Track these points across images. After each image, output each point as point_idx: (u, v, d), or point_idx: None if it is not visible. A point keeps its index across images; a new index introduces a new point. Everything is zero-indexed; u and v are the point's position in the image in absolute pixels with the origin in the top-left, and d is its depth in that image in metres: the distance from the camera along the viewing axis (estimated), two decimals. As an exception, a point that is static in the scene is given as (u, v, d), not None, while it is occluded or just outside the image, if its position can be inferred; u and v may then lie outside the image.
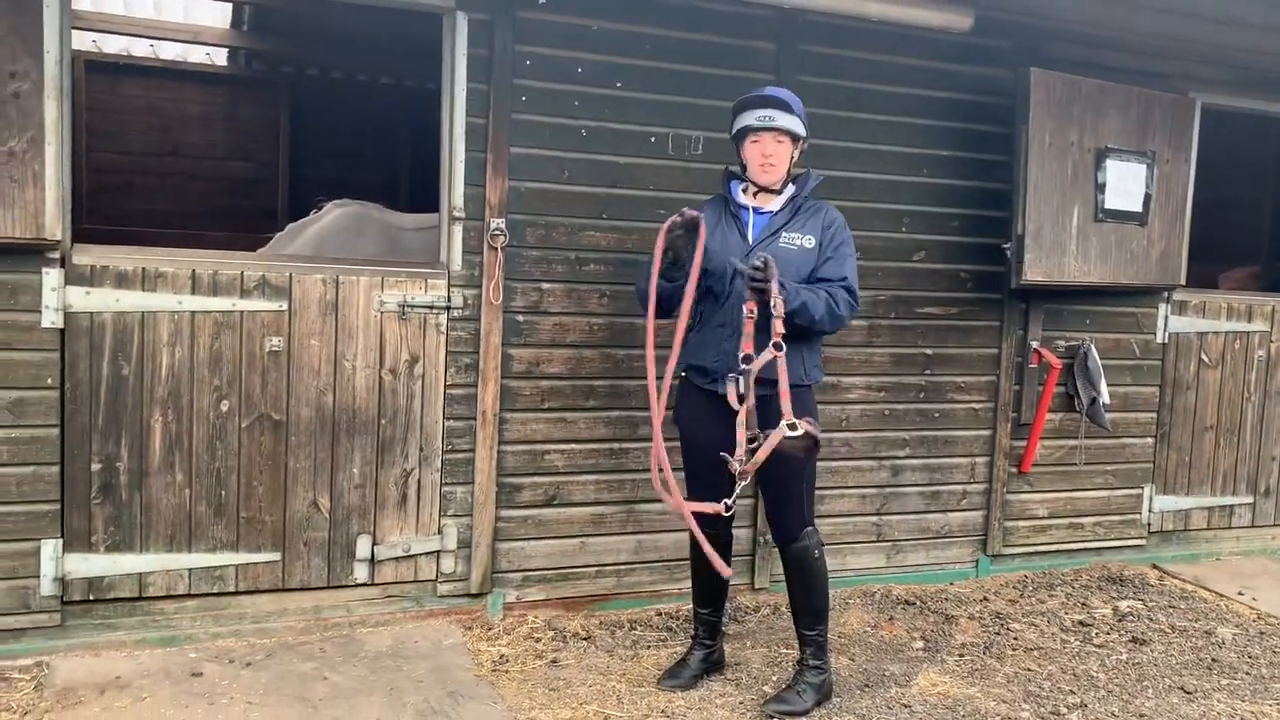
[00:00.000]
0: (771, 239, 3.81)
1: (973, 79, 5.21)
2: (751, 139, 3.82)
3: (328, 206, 5.68)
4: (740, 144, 3.88)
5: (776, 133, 3.79)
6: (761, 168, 3.82)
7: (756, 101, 3.82)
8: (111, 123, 7.74)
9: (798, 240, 3.81)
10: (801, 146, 3.90)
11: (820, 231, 3.84)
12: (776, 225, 3.83)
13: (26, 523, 3.90)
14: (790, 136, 3.82)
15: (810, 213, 3.88)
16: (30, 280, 3.83)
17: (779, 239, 3.80)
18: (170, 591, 4.12)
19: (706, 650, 4.13)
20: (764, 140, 3.80)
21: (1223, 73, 5.72)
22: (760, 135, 3.80)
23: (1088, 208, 5.17)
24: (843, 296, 3.77)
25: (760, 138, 3.80)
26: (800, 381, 3.83)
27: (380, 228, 5.51)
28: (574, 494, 4.68)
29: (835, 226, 3.87)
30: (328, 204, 5.72)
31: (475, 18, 4.31)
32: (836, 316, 3.76)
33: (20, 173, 3.69)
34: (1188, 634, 4.89)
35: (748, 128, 3.81)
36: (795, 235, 3.82)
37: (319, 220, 5.55)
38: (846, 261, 3.84)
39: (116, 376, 3.98)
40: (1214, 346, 5.93)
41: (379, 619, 4.41)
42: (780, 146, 3.81)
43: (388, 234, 5.49)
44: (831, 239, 3.84)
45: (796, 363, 3.80)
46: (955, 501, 5.43)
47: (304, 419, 4.23)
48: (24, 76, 3.67)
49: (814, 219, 3.86)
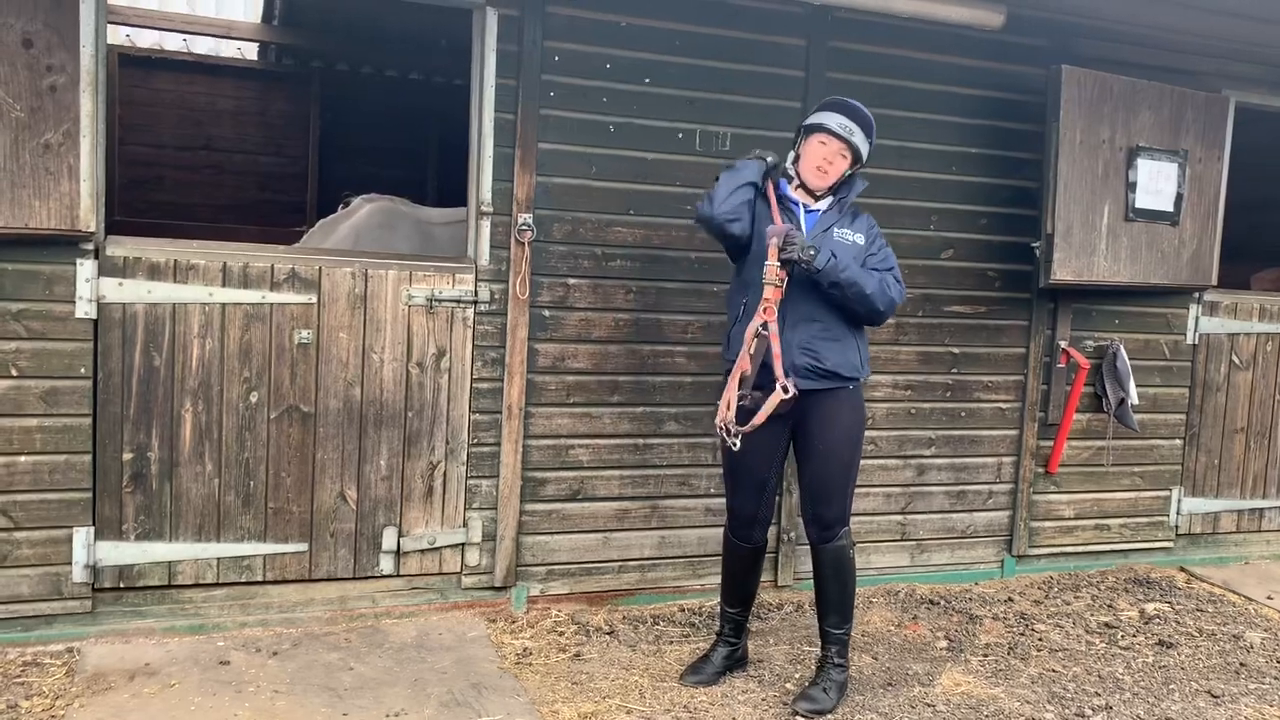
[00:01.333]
0: (825, 234, 3.81)
1: (1003, 76, 5.18)
2: (820, 139, 3.82)
3: (356, 201, 5.68)
4: (806, 138, 3.87)
5: (846, 145, 3.81)
6: (818, 169, 3.83)
7: (844, 108, 3.84)
8: (144, 116, 7.81)
9: (849, 236, 3.84)
10: (856, 169, 3.91)
11: (866, 230, 3.90)
12: (828, 223, 3.86)
13: (59, 510, 3.96)
14: (854, 155, 3.85)
15: (853, 215, 3.94)
16: (65, 271, 3.88)
17: (832, 234, 3.82)
18: (199, 580, 4.17)
19: (731, 647, 4.14)
20: (831, 146, 3.81)
21: (1258, 71, 5.66)
22: (831, 140, 3.81)
23: (1118, 207, 5.13)
24: (892, 281, 3.83)
25: (829, 141, 3.81)
26: (857, 373, 3.88)
27: (411, 223, 5.53)
28: (598, 489, 4.70)
29: (876, 230, 3.95)
30: (356, 199, 5.73)
31: (505, 13, 4.32)
32: (888, 297, 3.79)
33: (56, 165, 3.74)
34: (1215, 638, 4.85)
35: (823, 127, 3.81)
36: (847, 232, 3.85)
37: (351, 216, 5.55)
38: (890, 256, 3.93)
39: (148, 367, 4.03)
40: (1245, 348, 5.87)
41: (404, 610, 4.44)
42: (842, 160, 3.83)
43: (419, 229, 5.50)
44: (874, 239, 3.91)
45: (853, 352, 3.86)
46: (981, 501, 5.40)
47: (332, 411, 4.27)
48: (60, 70, 3.72)
49: (859, 220, 3.93)
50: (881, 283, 3.78)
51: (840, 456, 3.85)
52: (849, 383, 3.85)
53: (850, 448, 3.87)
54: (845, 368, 3.82)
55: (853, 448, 3.88)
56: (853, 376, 3.85)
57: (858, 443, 3.92)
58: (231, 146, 8.10)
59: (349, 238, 5.39)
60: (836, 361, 3.79)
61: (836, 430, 3.83)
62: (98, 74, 3.82)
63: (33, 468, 3.91)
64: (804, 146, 3.86)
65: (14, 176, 3.68)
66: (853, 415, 3.89)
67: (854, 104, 3.87)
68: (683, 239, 4.69)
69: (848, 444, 3.86)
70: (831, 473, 3.85)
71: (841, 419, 3.84)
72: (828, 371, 3.78)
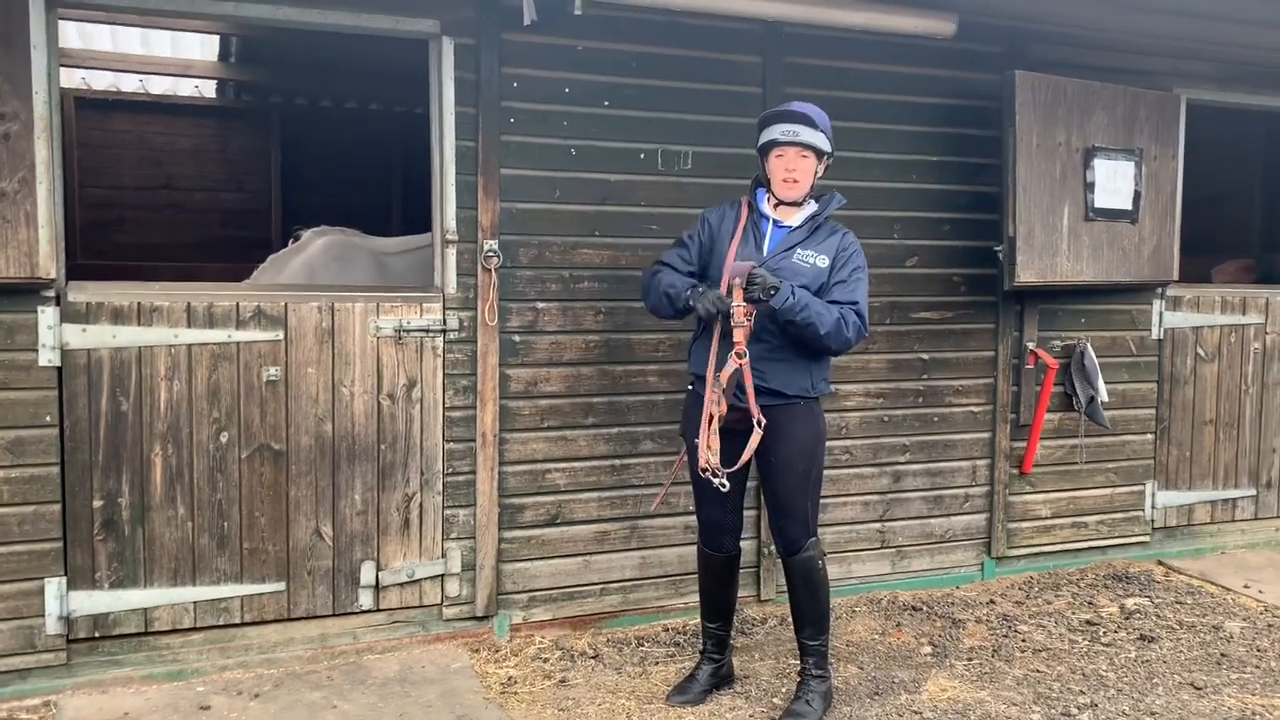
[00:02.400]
0: (786, 254, 3.81)
1: (959, 83, 5.24)
2: (776, 153, 3.83)
3: (307, 235, 5.56)
4: (765, 157, 3.88)
5: (801, 148, 3.79)
6: (785, 183, 3.83)
7: (782, 116, 3.83)
8: (103, 158, 7.77)
9: (811, 259, 3.80)
10: (826, 162, 3.90)
11: (835, 252, 3.83)
12: (793, 242, 3.84)
13: (29, 562, 3.90)
14: (815, 152, 3.82)
15: (827, 233, 3.88)
16: (26, 319, 3.84)
17: (793, 254, 3.81)
18: (176, 625, 4.11)
19: (715, 664, 4.13)
20: (788, 155, 3.81)
21: (1208, 68, 5.75)
22: (785, 150, 3.81)
23: (1078, 207, 5.19)
24: (853, 319, 3.74)
25: (784, 152, 3.81)
26: (806, 394, 3.83)
27: (365, 254, 5.44)
28: (576, 512, 4.68)
29: (850, 250, 3.86)
30: (306, 233, 5.60)
31: (461, 42, 4.33)
32: (844, 338, 3.72)
33: (12, 213, 3.71)
34: (1195, 629, 4.88)
35: (772, 141, 3.82)
36: (810, 253, 3.81)
37: (302, 251, 5.44)
38: (859, 286, 3.82)
39: (115, 412, 3.99)
40: (1209, 340, 5.94)
41: (386, 645, 4.41)
42: (804, 161, 3.82)
43: (373, 260, 5.42)
44: (845, 263, 3.82)
45: (803, 374, 3.81)
46: (958, 505, 5.43)
47: (304, 447, 4.24)
48: (13, 118, 3.68)
49: (830, 239, 3.86)
50: (839, 322, 3.69)
51: (794, 469, 3.83)
52: (796, 400, 3.81)
53: (805, 460, 3.84)
54: (790, 387, 3.78)
55: (808, 460, 3.85)
56: (799, 396, 3.80)
57: (814, 455, 3.88)
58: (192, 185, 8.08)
59: (302, 273, 5.29)
60: (782, 381, 3.77)
61: (789, 444, 3.81)
62: (51, 120, 3.79)
63: (0, 520, 3.85)
64: (767, 167, 3.88)
65: (-30, 226, 3.65)
66: (806, 429, 3.84)
67: (789, 108, 3.87)
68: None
69: (802, 457, 3.83)
70: (788, 486, 3.85)
71: (794, 433, 3.81)
72: (771, 390, 3.75)
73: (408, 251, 5.41)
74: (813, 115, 3.82)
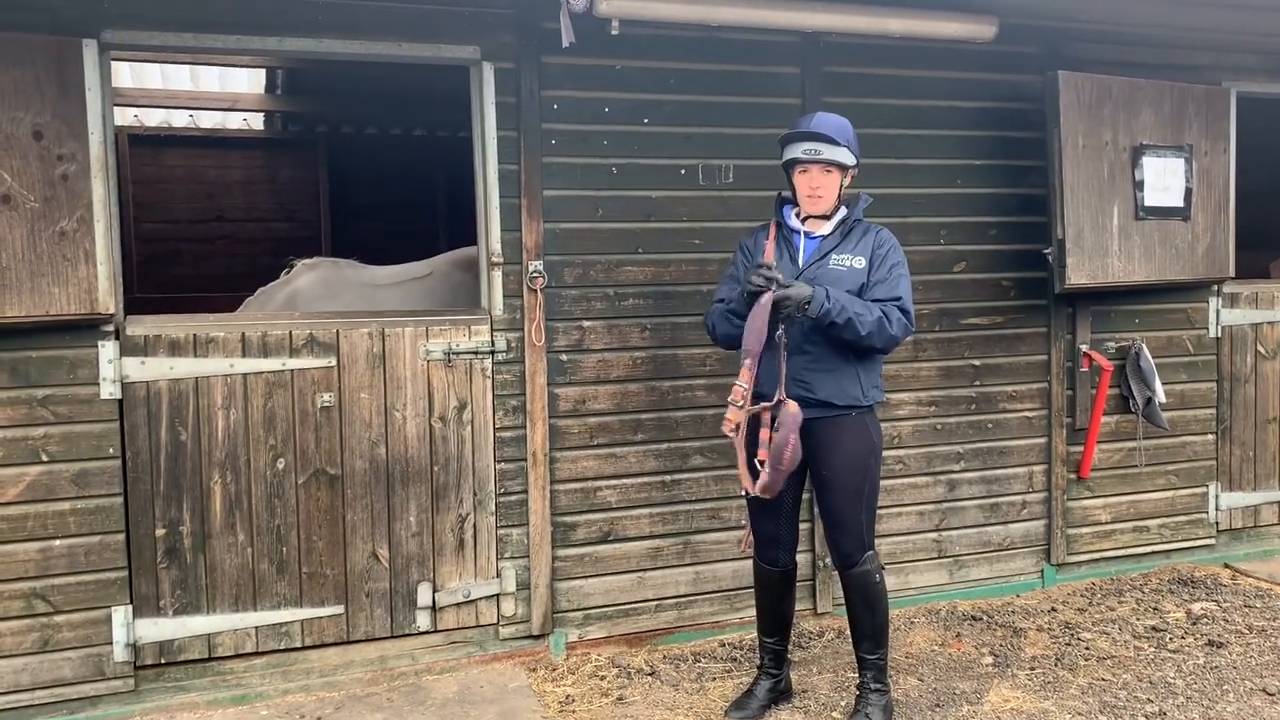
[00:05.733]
0: (821, 262, 3.81)
1: (1001, 86, 5.19)
2: (799, 170, 3.83)
3: (298, 268, 5.50)
4: (789, 173, 3.88)
5: (823, 165, 3.79)
6: (809, 199, 3.83)
7: (803, 135, 3.81)
8: (157, 193, 7.95)
9: (847, 261, 3.79)
10: (852, 174, 3.88)
11: (870, 252, 3.81)
12: (826, 249, 3.83)
13: (97, 591, 3.99)
14: (838, 167, 3.80)
15: (861, 233, 3.86)
16: (87, 354, 3.94)
17: (828, 261, 3.80)
18: (239, 650, 4.18)
19: (773, 679, 4.11)
20: (812, 172, 3.80)
21: (1256, 60, 5.65)
22: (808, 167, 3.80)
23: (1127, 206, 5.12)
24: (896, 315, 3.71)
25: (808, 169, 3.80)
26: (857, 402, 3.80)
27: (354, 288, 5.34)
28: (629, 529, 4.69)
29: (886, 247, 3.82)
30: (298, 265, 5.54)
31: (501, 67, 4.38)
32: (889, 335, 3.69)
33: (72, 251, 3.81)
34: (1266, 634, 4.76)
35: (795, 161, 3.82)
36: (845, 257, 3.80)
37: (290, 284, 5.35)
38: (900, 282, 3.79)
39: (175, 442, 4.07)
40: (1269, 337, 5.81)
41: (444, 665, 4.44)
42: (828, 177, 3.81)
43: (361, 293, 5.31)
44: (883, 260, 3.79)
45: (852, 382, 3.78)
46: (1015, 512, 5.35)
47: (358, 471, 4.29)
48: (70, 159, 3.79)
49: (864, 239, 3.84)
50: (881, 321, 3.66)
51: (846, 484, 3.80)
52: (848, 411, 3.79)
53: (857, 474, 3.81)
54: (839, 397, 3.75)
55: (860, 474, 3.81)
56: (849, 405, 3.78)
57: (866, 468, 3.83)
58: (244, 216, 8.24)
59: (286, 308, 5.16)
60: (829, 392, 3.75)
61: (839, 458, 3.79)
62: (107, 159, 3.89)
63: (68, 550, 3.95)
64: (792, 182, 3.88)
65: (33, 265, 3.75)
66: (856, 442, 3.80)
67: (809, 126, 3.81)
68: (693, 273, 4.71)
69: (853, 471, 3.80)
70: (840, 500, 3.82)
71: (843, 447, 3.79)
72: (820, 401, 3.74)
73: (402, 283, 5.34)
74: (833, 132, 3.78)
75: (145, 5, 3.96)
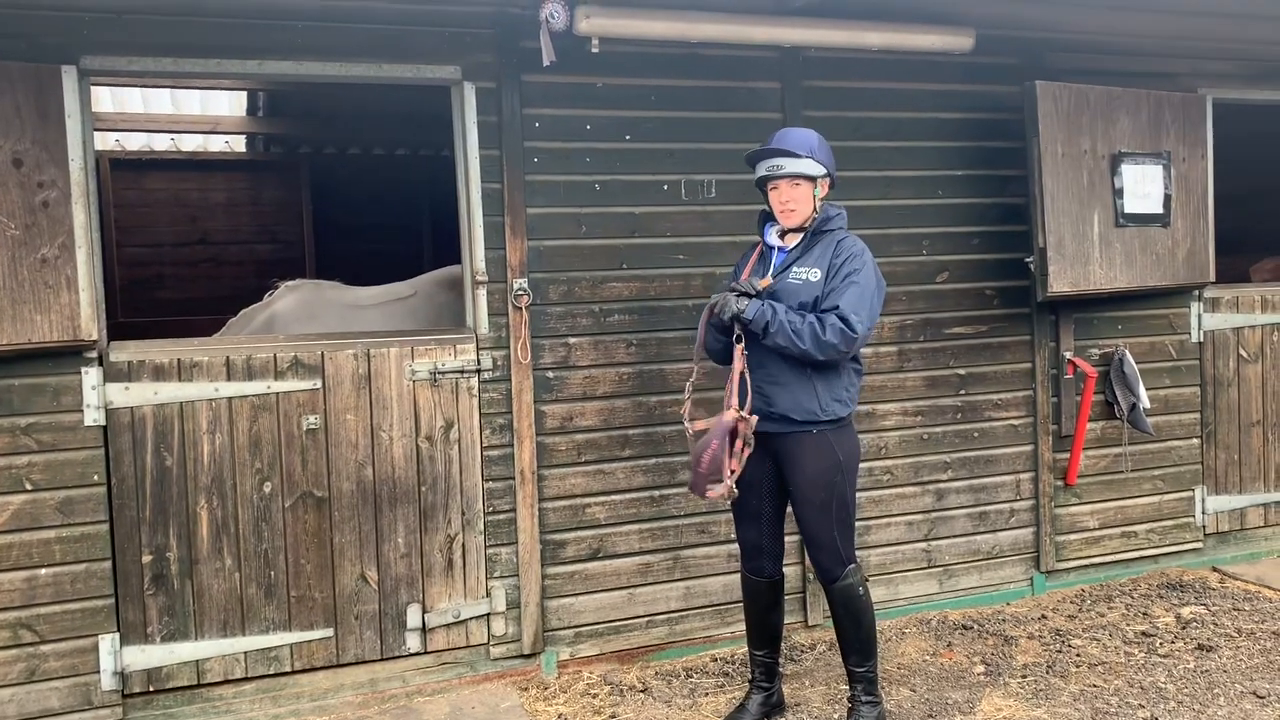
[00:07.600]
0: (783, 275, 3.84)
1: (981, 97, 5.23)
2: (770, 187, 3.88)
3: (280, 290, 5.46)
4: (763, 191, 3.94)
5: (789, 178, 3.82)
6: (783, 213, 3.87)
7: (765, 153, 3.85)
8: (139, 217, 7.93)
9: (804, 275, 3.81)
10: (824, 184, 3.89)
11: (828, 263, 3.80)
12: (789, 261, 3.87)
13: (83, 619, 3.96)
14: (805, 178, 3.82)
15: (825, 245, 3.85)
16: (71, 381, 3.92)
17: (789, 274, 3.84)
18: (228, 676, 4.15)
19: (765, 693, 4.10)
20: (780, 187, 3.84)
21: (1231, 67, 5.71)
22: (776, 183, 3.85)
23: (1107, 214, 5.15)
24: (832, 322, 3.65)
25: (776, 185, 3.85)
26: (814, 417, 3.77)
27: (336, 309, 5.28)
28: (618, 545, 4.68)
29: (844, 256, 3.79)
30: (281, 286, 5.49)
31: (482, 86, 4.39)
32: (824, 343, 3.64)
33: (54, 278, 3.79)
34: (1255, 636, 4.78)
35: (764, 180, 3.88)
36: (804, 270, 3.82)
37: (270, 307, 5.30)
38: (848, 290, 3.71)
39: (160, 468, 4.05)
40: (1251, 340, 5.85)
41: (435, 687, 4.42)
42: (797, 190, 3.83)
43: (344, 314, 5.25)
44: (838, 270, 3.76)
45: (808, 396, 3.76)
46: (1003, 520, 5.37)
47: (345, 493, 4.28)
48: (51, 185, 3.78)
49: (826, 250, 3.83)
50: (814, 329, 3.64)
51: (812, 499, 3.80)
52: (808, 427, 3.77)
53: (822, 490, 3.79)
54: (796, 411, 3.75)
55: (825, 489, 3.79)
56: (807, 421, 3.77)
57: (834, 484, 3.80)
58: (227, 238, 8.22)
59: (265, 330, 5.11)
60: (786, 406, 3.76)
61: (800, 475, 3.81)
62: (88, 185, 3.88)
63: (54, 579, 3.92)
64: (768, 200, 3.92)
65: (14, 293, 3.73)
66: (818, 460, 3.78)
67: (770, 144, 3.87)
68: (678, 288, 4.72)
69: (817, 487, 3.79)
70: (810, 515, 3.84)
71: (805, 464, 3.79)
72: (779, 415, 3.77)
73: (386, 303, 5.30)
74: (793, 146, 3.81)
75: (124, 31, 3.96)
